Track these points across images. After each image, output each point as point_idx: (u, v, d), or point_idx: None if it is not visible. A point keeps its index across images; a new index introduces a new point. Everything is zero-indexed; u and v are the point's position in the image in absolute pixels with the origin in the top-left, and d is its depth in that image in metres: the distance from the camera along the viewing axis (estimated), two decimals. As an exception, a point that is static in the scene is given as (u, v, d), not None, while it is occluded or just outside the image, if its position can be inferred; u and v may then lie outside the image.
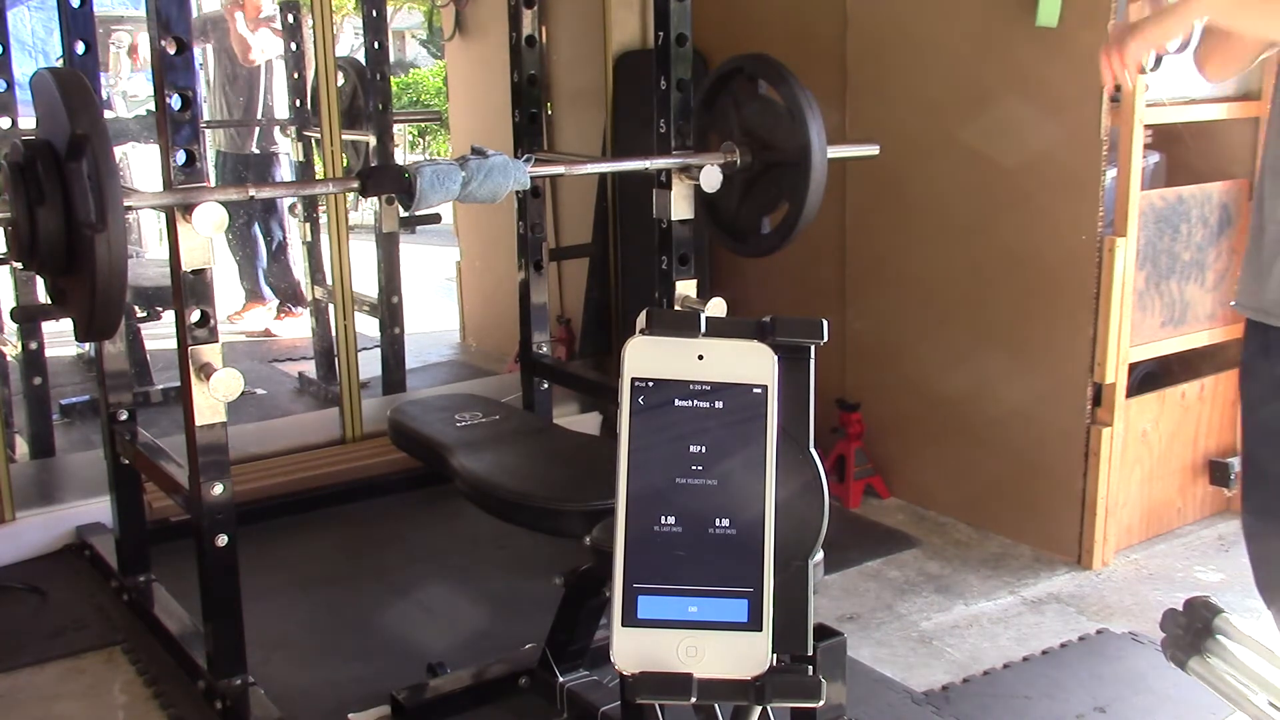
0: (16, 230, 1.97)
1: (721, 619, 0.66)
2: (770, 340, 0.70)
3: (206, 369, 2.17)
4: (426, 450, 2.47)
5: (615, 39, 4.00)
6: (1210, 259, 3.21)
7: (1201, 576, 3.01)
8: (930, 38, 3.24)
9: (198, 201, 2.08)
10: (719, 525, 0.67)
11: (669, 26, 2.65)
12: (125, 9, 8.21)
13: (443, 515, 3.37)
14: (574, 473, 2.36)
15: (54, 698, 2.49)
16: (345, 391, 3.81)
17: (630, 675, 0.66)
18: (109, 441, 2.80)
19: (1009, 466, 3.20)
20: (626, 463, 0.67)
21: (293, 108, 5.01)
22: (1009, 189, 3.08)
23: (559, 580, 2.23)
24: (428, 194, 2.25)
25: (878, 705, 2.42)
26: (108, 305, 1.96)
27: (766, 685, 0.66)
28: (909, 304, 3.44)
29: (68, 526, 3.23)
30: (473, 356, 5.32)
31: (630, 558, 0.66)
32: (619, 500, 0.67)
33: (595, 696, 2.25)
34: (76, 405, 4.43)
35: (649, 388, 0.68)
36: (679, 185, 2.65)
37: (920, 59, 3.27)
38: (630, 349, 0.69)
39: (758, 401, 0.69)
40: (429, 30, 8.30)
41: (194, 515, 2.29)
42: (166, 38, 2.10)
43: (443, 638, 2.68)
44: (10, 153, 1.99)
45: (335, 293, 3.87)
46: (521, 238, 3.33)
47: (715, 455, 0.68)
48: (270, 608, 2.78)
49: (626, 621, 0.66)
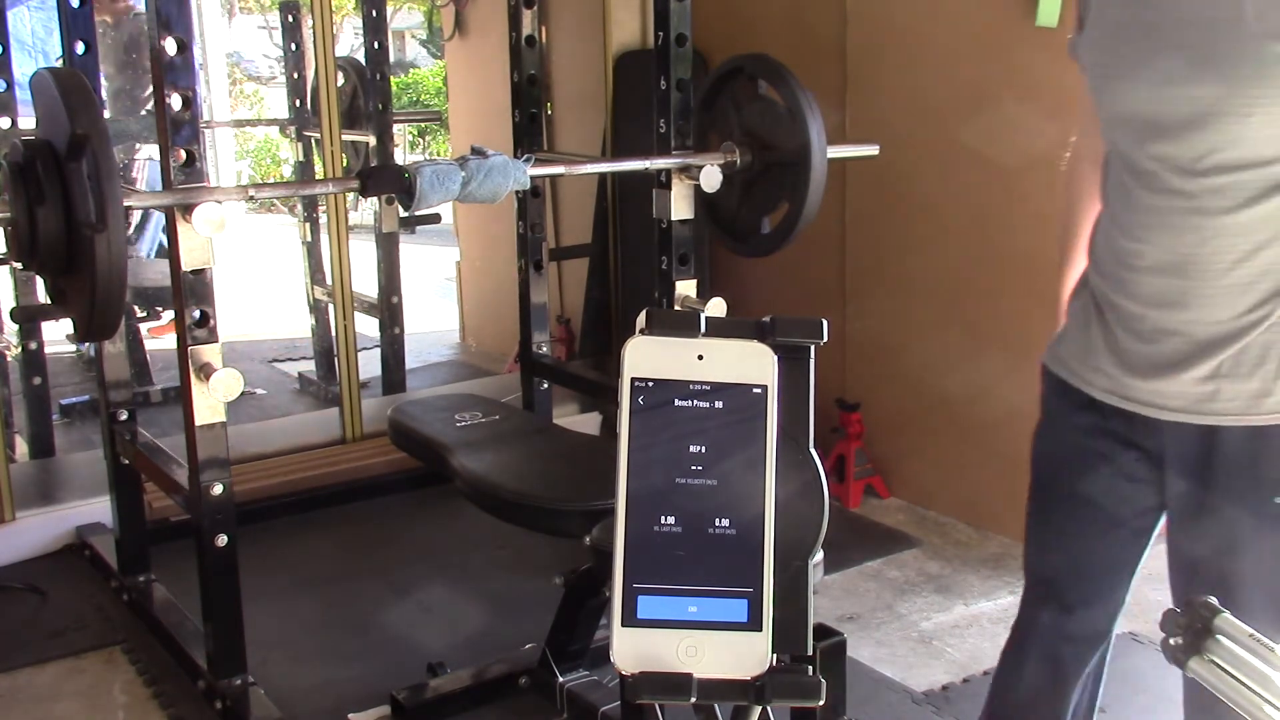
0: (16, 230, 1.97)
1: (721, 619, 0.66)
2: (770, 340, 0.70)
3: (206, 369, 2.17)
4: (426, 450, 2.47)
5: (615, 39, 4.00)
6: (1210, 259, 3.21)
7: (1201, 576, 3.01)
8: (930, 37, 3.24)
9: (198, 201, 2.08)
10: (719, 525, 0.67)
11: (669, 26, 2.65)
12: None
13: (443, 515, 3.37)
14: (574, 473, 2.36)
15: (54, 698, 2.49)
16: (345, 391, 3.81)
17: (630, 675, 0.66)
18: (109, 441, 2.80)
19: (1009, 466, 3.19)
20: (626, 463, 0.67)
21: (292, 108, 5.01)
22: (1009, 189, 3.08)
23: (559, 580, 2.23)
24: (428, 194, 2.26)
25: (878, 705, 2.42)
26: (108, 305, 1.96)
27: (766, 685, 0.66)
28: (909, 304, 3.44)
29: (68, 526, 3.23)
30: (473, 356, 5.32)
31: (630, 558, 0.66)
32: (619, 500, 0.67)
33: (595, 696, 2.25)
34: (76, 405, 4.43)
35: (649, 388, 0.68)
36: (679, 185, 2.65)
37: (920, 59, 3.26)
38: (630, 349, 0.69)
39: (758, 401, 0.68)
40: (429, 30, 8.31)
41: (194, 515, 2.29)
42: (166, 38, 2.10)
43: (443, 638, 2.68)
44: (10, 153, 2.00)
45: (335, 293, 3.87)
46: (521, 238, 3.33)
47: (715, 455, 0.67)
48: (270, 608, 2.78)
49: (626, 621, 0.66)
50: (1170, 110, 1.32)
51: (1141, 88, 1.35)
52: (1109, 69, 1.41)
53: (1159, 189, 1.36)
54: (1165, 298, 1.37)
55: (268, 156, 11.04)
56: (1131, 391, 1.42)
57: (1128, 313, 1.41)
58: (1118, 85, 1.40)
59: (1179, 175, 1.33)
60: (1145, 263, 1.38)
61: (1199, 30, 1.29)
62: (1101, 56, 1.42)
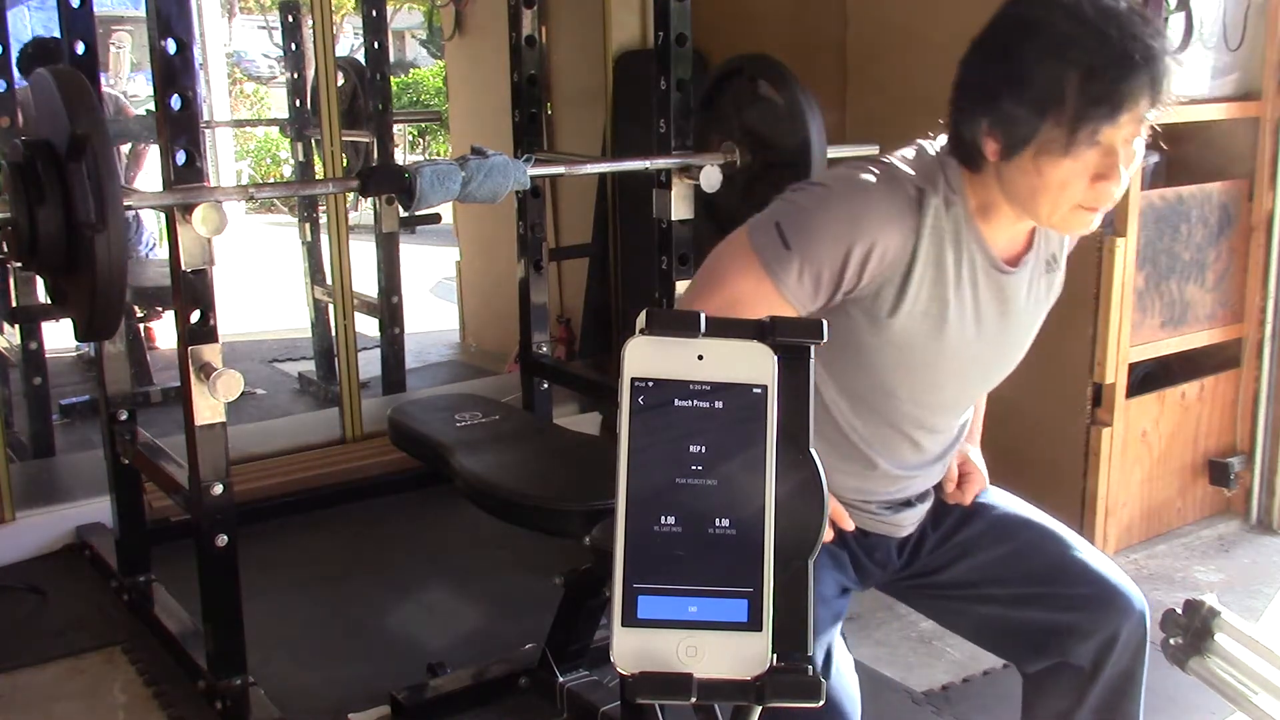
0: (16, 230, 1.97)
1: (721, 619, 0.66)
2: (770, 340, 0.70)
3: (206, 369, 2.17)
4: (426, 450, 2.47)
5: (615, 39, 4.00)
6: (1210, 259, 3.21)
7: (1201, 576, 3.01)
8: (930, 37, 3.24)
9: (198, 201, 2.08)
10: (719, 525, 0.67)
11: (669, 26, 2.65)
12: (125, 9, 8.23)
13: (443, 515, 3.37)
14: (574, 473, 2.36)
15: (54, 698, 2.49)
16: (345, 391, 3.81)
17: (630, 675, 0.66)
18: (109, 441, 2.80)
19: (1008, 466, 3.18)
20: (626, 463, 0.67)
21: (292, 108, 5.02)
22: (1009, 189, 3.08)
23: (559, 580, 2.23)
24: (428, 194, 2.26)
25: (878, 705, 2.42)
26: (108, 305, 1.96)
27: (766, 685, 0.66)
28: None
29: (68, 526, 3.23)
30: (473, 356, 5.32)
31: (630, 558, 0.66)
32: (619, 500, 0.67)
33: (595, 696, 2.25)
34: (76, 405, 4.43)
35: (649, 388, 0.68)
36: (679, 185, 2.65)
37: (920, 59, 3.26)
38: (630, 349, 0.68)
39: (758, 402, 0.68)
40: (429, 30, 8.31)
41: (194, 515, 2.29)
42: (166, 38, 2.10)
43: (443, 638, 2.68)
44: (10, 153, 2.00)
45: (335, 293, 3.87)
46: (521, 238, 3.33)
47: (715, 455, 0.67)
48: (270, 608, 2.78)
49: (626, 621, 0.66)
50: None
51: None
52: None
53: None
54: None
55: (268, 156, 11.05)
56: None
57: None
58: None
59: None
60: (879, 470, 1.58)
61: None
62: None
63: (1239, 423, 3.36)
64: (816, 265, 1.39)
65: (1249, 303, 3.28)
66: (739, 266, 1.44)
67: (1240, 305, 3.29)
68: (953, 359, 1.50)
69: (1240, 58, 3.14)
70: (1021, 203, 1.42)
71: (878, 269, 1.41)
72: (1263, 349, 3.28)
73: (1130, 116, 1.34)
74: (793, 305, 1.41)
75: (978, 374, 1.61)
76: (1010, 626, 1.65)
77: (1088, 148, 1.33)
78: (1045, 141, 1.34)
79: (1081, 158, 1.34)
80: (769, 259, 1.41)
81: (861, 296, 1.44)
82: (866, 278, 1.41)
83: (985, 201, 1.46)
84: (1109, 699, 1.60)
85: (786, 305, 1.41)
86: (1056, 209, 1.38)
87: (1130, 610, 1.59)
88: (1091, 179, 1.35)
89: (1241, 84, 3.16)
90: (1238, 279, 3.28)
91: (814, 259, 1.39)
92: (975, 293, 1.48)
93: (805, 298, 1.41)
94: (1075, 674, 1.60)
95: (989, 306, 1.50)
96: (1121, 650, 1.59)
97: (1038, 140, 1.35)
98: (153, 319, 5.14)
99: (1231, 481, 3.29)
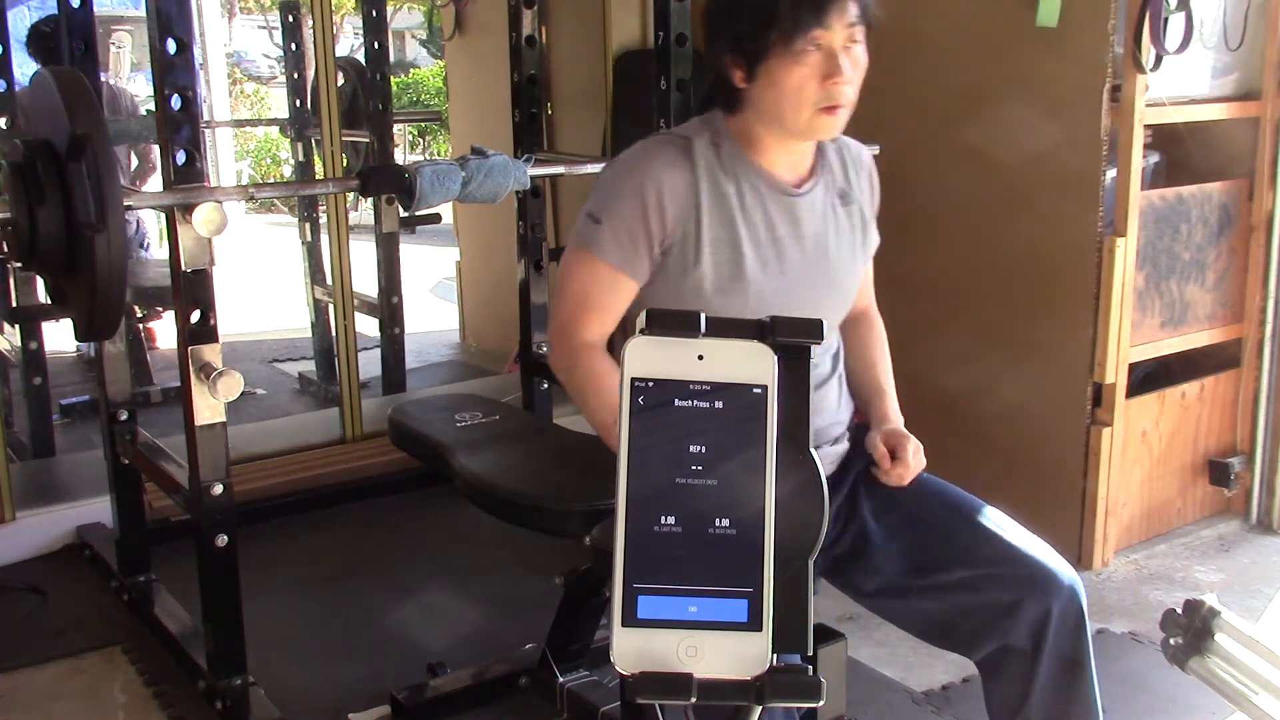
0: (16, 230, 1.97)
1: (721, 619, 0.66)
2: (770, 340, 0.70)
3: (207, 369, 2.17)
4: (426, 450, 2.46)
5: (615, 39, 4.00)
6: (1210, 259, 3.21)
7: (1201, 576, 3.01)
8: (930, 38, 3.24)
9: (198, 201, 2.08)
10: (719, 525, 0.67)
11: (669, 26, 2.65)
12: (125, 9, 8.23)
13: (443, 515, 3.37)
14: (574, 473, 2.35)
15: (54, 698, 2.49)
16: (345, 391, 3.81)
17: (630, 675, 0.66)
18: (109, 441, 2.80)
19: (1009, 466, 3.20)
20: (626, 463, 0.67)
21: (292, 108, 5.02)
22: (1009, 189, 3.08)
23: (559, 580, 2.23)
24: (428, 194, 2.26)
25: (878, 705, 2.42)
26: (108, 305, 1.96)
27: (766, 685, 0.66)
28: (909, 304, 3.43)
29: (68, 526, 3.23)
30: (473, 356, 5.32)
31: (630, 558, 0.66)
32: (619, 500, 0.67)
33: (595, 696, 2.25)
34: (76, 405, 4.43)
35: (649, 388, 0.68)
36: (679, 185, 2.65)
37: (920, 59, 3.26)
38: (630, 349, 0.69)
39: (758, 401, 0.69)
40: (429, 30, 8.30)
41: (194, 515, 2.29)
42: (167, 38, 2.10)
43: (443, 638, 2.68)
44: (10, 153, 2.00)
45: (335, 293, 3.87)
46: (521, 238, 3.33)
47: (715, 455, 0.68)
48: (270, 608, 2.78)
49: (626, 621, 0.66)
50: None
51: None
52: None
53: None
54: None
55: (268, 156, 11.06)
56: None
57: None
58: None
59: None
60: None
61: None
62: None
63: (1239, 423, 3.36)
64: (626, 225, 1.63)
65: (1249, 303, 3.28)
66: (574, 262, 1.70)
67: (1240, 305, 3.29)
68: (765, 292, 1.65)
69: (1240, 58, 3.14)
70: (773, 118, 1.62)
71: (674, 209, 1.62)
72: (1263, 349, 3.28)
73: (840, 21, 1.55)
74: (627, 274, 1.64)
75: (797, 308, 1.70)
76: (945, 615, 1.69)
77: (812, 52, 1.55)
78: (774, 55, 1.56)
79: (807, 62, 1.56)
80: (588, 240, 1.67)
81: (671, 244, 1.64)
82: (670, 221, 1.63)
83: (749, 134, 1.67)
84: (1058, 680, 1.64)
85: (622, 276, 1.64)
86: (800, 113, 1.59)
87: (1059, 586, 1.63)
88: (821, 81, 1.57)
89: (1241, 84, 3.16)
90: (1238, 279, 3.28)
91: (621, 220, 1.64)
92: (766, 217, 1.67)
93: (632, 259, 1.64)
94: (1020, 657, 1.65)
95: (784, 229, 1.68)
96: (1059, 627, 1.62)
97: (769, 56, 1.56)
98: (153, 319, 5.14)
99: (1231, 481, 3.29)
